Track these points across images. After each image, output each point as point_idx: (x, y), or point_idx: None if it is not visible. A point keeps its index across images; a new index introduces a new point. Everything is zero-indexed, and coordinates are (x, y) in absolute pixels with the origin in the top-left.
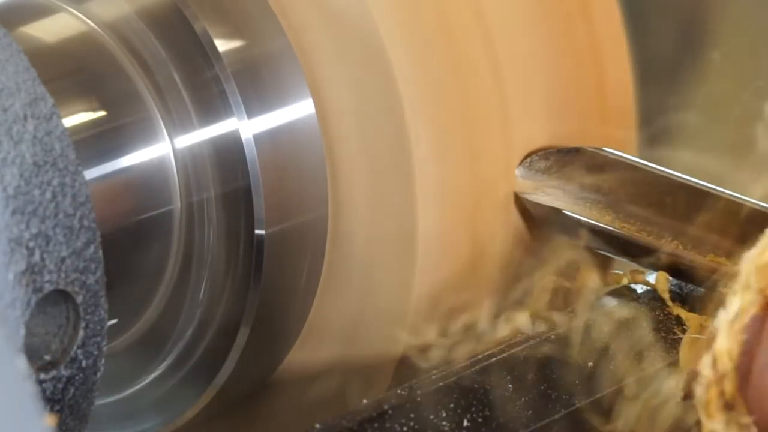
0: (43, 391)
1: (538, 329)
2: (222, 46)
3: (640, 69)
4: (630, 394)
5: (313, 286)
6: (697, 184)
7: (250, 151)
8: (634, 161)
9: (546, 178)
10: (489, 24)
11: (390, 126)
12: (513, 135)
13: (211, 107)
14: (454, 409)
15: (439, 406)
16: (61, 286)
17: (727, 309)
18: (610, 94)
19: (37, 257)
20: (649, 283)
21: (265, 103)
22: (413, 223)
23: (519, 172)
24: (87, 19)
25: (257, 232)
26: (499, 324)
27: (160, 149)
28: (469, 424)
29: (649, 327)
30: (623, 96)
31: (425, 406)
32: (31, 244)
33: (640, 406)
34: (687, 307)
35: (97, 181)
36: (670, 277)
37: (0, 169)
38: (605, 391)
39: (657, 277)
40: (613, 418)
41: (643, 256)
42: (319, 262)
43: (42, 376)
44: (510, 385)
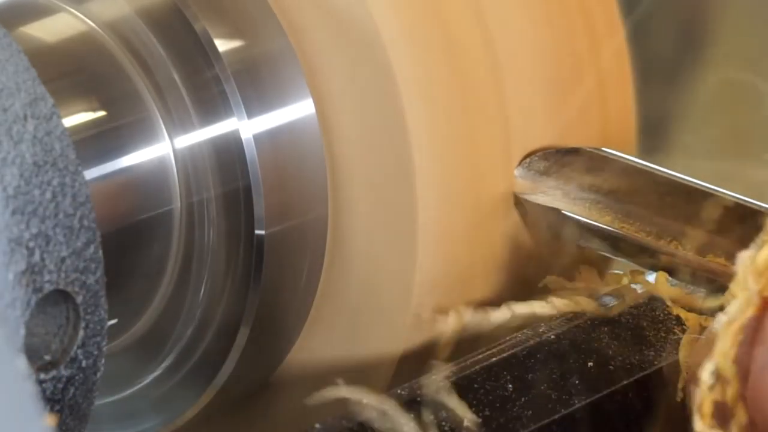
0: (43, 391)
1: (538, 329)
2: (222, 46)
3: (640, 69)
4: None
5: (313, 285)
6: (697, 184)
7: (250, 151)
8: (634, 161)
9: (545, 179)
10: (489, 24)
11: (390, 126)
12: (512, 135)
13: (211, 107)
14: (454, 409)
15: (439, 405)
16: (61, 286)
17: (725, 310)
18: (610, 95)
19: (37, 257)
20: (649, 283)
21: (265, 103)
22: (413, 223)
23: (518, 172)
24: (87, 19)
25: (257, 231)
26: (499, 324)
27: (160, 149)
28: (468, 424)
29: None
30: (623, 96)
31: (425, 406)
32: (31, 244)
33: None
34: (687, 308)
35: (97, 181)
36: (670, 277)
37: (0, 169)
38: (605, 391)
39: (657, 277)
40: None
41: (643, 256)
42: (319, 261)
43: (42, 376)
44: (510, 385)
